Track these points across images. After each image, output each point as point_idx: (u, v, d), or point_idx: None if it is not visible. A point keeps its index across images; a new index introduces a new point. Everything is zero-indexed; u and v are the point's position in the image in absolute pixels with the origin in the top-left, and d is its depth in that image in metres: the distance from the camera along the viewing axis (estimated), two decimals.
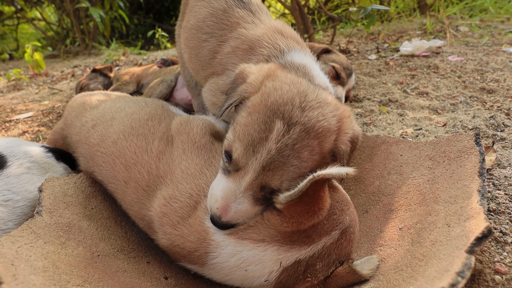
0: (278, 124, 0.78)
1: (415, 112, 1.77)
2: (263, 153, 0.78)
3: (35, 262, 0.79)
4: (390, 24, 4.48)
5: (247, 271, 0.86)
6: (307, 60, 1.03)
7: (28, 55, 3.57)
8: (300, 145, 0.78)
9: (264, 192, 0.82)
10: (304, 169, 0.79)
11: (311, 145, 0.79)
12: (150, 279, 0.99)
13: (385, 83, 2.24)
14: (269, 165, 0.78)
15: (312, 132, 0.79)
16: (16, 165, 1.08)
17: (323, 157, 0.82)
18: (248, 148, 0.79)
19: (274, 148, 0.77)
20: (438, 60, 2.62)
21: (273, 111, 0.79)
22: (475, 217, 0.75)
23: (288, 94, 0.82)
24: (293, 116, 0.78)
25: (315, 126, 0.79)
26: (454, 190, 0.92)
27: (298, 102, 0.80)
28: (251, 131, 0.80)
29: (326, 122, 0.81)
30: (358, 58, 3.02)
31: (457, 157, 1.00)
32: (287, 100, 0.80)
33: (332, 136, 0.82)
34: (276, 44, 1.05)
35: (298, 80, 0.88)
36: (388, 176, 1.20)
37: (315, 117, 0.80)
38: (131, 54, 4.79)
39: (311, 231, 0.85)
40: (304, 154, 0.78)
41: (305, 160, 0.79)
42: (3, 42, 8.61)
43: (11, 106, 2.78)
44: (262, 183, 0.80)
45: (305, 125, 0.78)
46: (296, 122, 0.78)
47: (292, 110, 0.79)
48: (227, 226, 0.85)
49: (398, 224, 1.02)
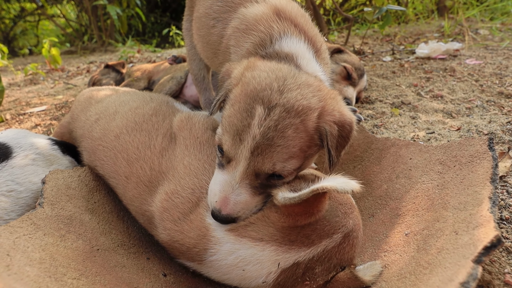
0: (259, 109, 0.79)
1: (428, 115, 1.71)
2: (249, 139, 0.79)
3: (32, 254, 0.79)
4: (407, 26, 4.39)
5: (245, 271, 0.85)
6: (297, 48, 1.00)
7: (45, 50, 3.64)
8: (282, 125, 0.78)
9: (260, 179, 0.83)
10: (293, 147, 0.80)
11: (293, 123, 0.79)
12: (148, 276, 0.98)
13: (399, 85, 2.18)
14: (257, 150, 0.79)
15: (292, 111, 0.79)
16: (22, 156, 1.09)
17: (310, 136, 0.82)
18: (235, 137, 0.81)
19: (258, 133, 0.78)
20: (455, 63, 2.54)
21: (252, 98, 0.81)
22: (484, 225, 0.71)
23: (266, 80, 0.83)
24: (272, 99, 0.80)
25: (295, 105, 0.80)
26: (464, 196, 0.88)
27: (276, 86, 0.82)
28: (235, 121, 0.82)
29: (306, 101, 0.81)
30: (372, 59, 2.96)
31: (468, 162, 0.96)
32: (265, 86, 0.82)
33: (314, 113, 0.82)
34: (270, 29, 1.02)
35: (277, 67, 0.88)
36: (397, 180, 1.16)
37: (293, 97, 0.81)
38: (146, 52, 4.84)
39: (310, 231, 0.83)
40: (288, 132, 0.79)
41: (291, 139, 0.79)
42: (24, 38, 8.85)
43: (27, 100, 2.84)
44: (255, 170, 0.81)
45: (285, 106, 0.79)
46: (276, 105, 0.79)
47: (271, 95, 0.81)
48: (228, 219, 0.84)
49: (404, 230, 0.98)
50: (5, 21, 8.86)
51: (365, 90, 2.04)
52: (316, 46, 1.05)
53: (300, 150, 0.81)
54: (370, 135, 1.37)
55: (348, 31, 3.27)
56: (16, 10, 8.71)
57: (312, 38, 1.05)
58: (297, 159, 0.82)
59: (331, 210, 0.86)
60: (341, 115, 0.86)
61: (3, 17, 8.73)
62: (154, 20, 8.15)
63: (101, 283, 0.85)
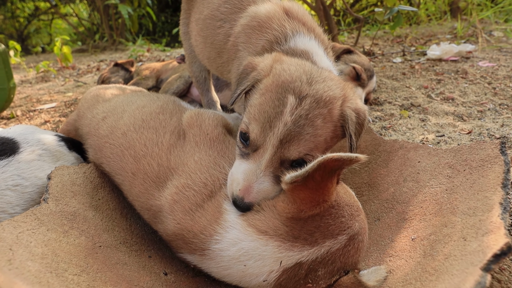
0: (291, 99, 0.84)
1: (439, 118, 1.68)
2: (280, 126, 0.83)
3: (35, 249, 0.79)
4: (418, 28, 4.33)
5: (246, 267, 0.83)
6: (310, 46, 1.07)
7: (57, 48, 3.69)
8: (312, 114, 0.84)
9: (284, 167, 0.86)
10: (319, 136, 0.85)
11: (322, 113, 0.85)
12: (149, 274, 0.98)
13: (409, 87, 2.15)
14: (286, 137, 0.83)
15: (321, 102, 0.85)
16: (28, 152, 1.09)
17: (335, 126, 0.88)
18: (264, 125, 0.85)
19: (290, 120, 0.83)
20: (467, 65, 2.49)
21: (284, 88, 0.86)
22: (494, 232, 0.69)
23: (296, 73, 0.89)
24: (303, 90, 0.85)
25: (323, 96, 0.86)
26: (473, 201, 0.85)
27: (305, 79, 0.88)
28: (266, 108, 0.86)
29: (332, 92, 0.88)
30: (383, 60, 2.93)
31: (479, 166, 0.93)
32: (295, 78, 0.88)
33: (338, 102, 0.88)
34: (283, 28, 1.08)
35: (302, 62, 0.96)
36: (404, 183, 1.13)
37: (322, 89, 0.87)
38: (155, 51, 4.88)
39: (314, 228, 0.81)
40: (317, 122, 0.84)
41: (319, 128, 0.84)
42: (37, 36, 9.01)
43: (37, 97, 2.88)
44: (281, 157, 0.84)
45: (314, 97, 0.85)
46: (306, 95, 0.85)
47: (301, 86, 0.86)
48: (248, 208, 0.87)
49: (411, 234, 0.96)
50: (19, 19, 9.04)
51: (374, 92, 2.01)
52: (324, 44, 1.12)
53: (324, 141, 0.86)
54: (378, 137, 1.35)
55: (358, 31, 3.24)
56: (31, 9, 8.88)
57: (320, 37, 1.12)
58: (320, 149, 0.87)
59: (336, 210, 0.84)
60: (357, 104, 0.93)
61: (17, 16, 8.90)
62: (164, 19, 8.21)
63: (102, 280, 0.84)
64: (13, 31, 9.01)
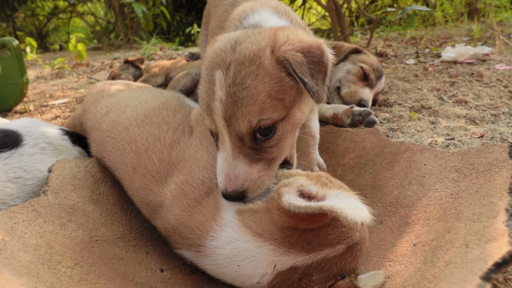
0: (218, 74, 0.80)
1: (450, 120, 1.62)
2: (217, 105, 0.80)
3: (29, 240, 0.79)
4: (434, 29, 4.23)
5: (240, 267, 0.82)
6: (262, 17, 1.03)
7: (72, 45, 3.76)
8: (240, 77, 0.78)
9: (246, 143, 0.82)
10: (258, 95, 0.78)
11: (250, 72, 0.78)
12: (145, 270, 0.97)
13: (420, 89, 2.09)
14: (228, 113, 0.79)
15: (246, 61, 0.79)
16: (31, 145, 1.11)
17: (276, 78, 0.80)
18: (208, 111, 0.83)
19: (223, 95, 0.79)
20: (483, 68, 2.41)
21: (211, 67, 0.83)
22: (497, 239, 0.65)
23: (220, 46, 0.85)
24: (226, 59, 0.81)
25: (246, 55, 0.80)
26: (479, 206, 0.81)
27: (229, 47, 0.83)
28: (203, 95, 0.84)
29: (255, 45, 0.81)
30: (395, 62, 2.86)
31: (486, 170, 0.89)
32: (219, 51, 0.84)
33: (266, 51, 0.80)
34: (244, 10, 1.08)
35: (232, 34, 0.90)
36: (409, 186, 1.10)
37: (244, 48, 0.81)
38: (168, 49, 4.91)
39: (312, 237, 0.79)
40: (248, 82, 0.78)
41: (252, 87, 0.78)
42: (56, 35, 9.24)
43: (51, 92, 2.93)
44: (238, 135, 0.81)
45: (238, 60, 0.80)
46: (230, 62, 0.80)
47: (225, 56, 0.82)
48: (236, 195, 0.84)
49: (413, 239, 0.92)
50: (39, 17, 9.28)
51: (383, 93, 1.97)
52: (280, 11, 1.08)
53: (270, 97, 0.79)
54: (384, 138, 1.31)
55: (370, 32, 3.18)
56: (50, 8, 9.10)
57: (276, 7, 1.09)
58: (274, 109, 0.80)
59: (337, 220, 0.81)
60: (302, 41, 0.83)
61: (37, 14, 9.14)
62: (179, 19, 8.28)
63: (96, 274, 0.84)
64: (33, 29, 9.26)
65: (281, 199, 0.76)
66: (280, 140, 0.85)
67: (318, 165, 1.28)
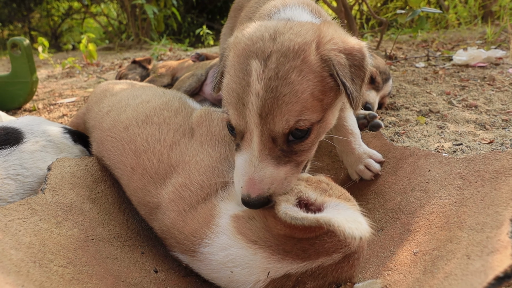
0: (255, 64, 0.72)
1: (458, 125, 1.58)
2: (252, 99, 0.71)
3: (22, 238, 0.79)
4: (447, 32, 4.15)
5: (233, 273, 0.81)
6: (294, 13, 0.96)
7: (82, 45, 3.82)
8: (283, 71, 0.70)
9: (279, 144, 0.74)
10: (302, 93, 0.71)
11: (295, 66, 0.71)
12: (139, 270, 0.97)
13: (429, 93, 2.04)
14: (264, 110, 0.70)
15: (290, 53, 0.72)
16: (32, 142, 1.11)
17: (319, 76, 0.73)
18: (238, 105, 0.73)
19: (260, 88, 0.70)
20: (496, 72, 2.34)
21: (246, 56, 0.75)
22: (500, 251, 0.62)
23: (256, 33, 0.77)
24: (266, 49, 0.73)
25: (290, 46, 0.72)
26: (483, 216, 0.78)
27: (268, 36, 0.75)
28: (233, 86, 0.75)
29: (300, 38, 0.74)
30: (405, 65, 2.81)
31: (492, 178, 0.85)
32: (256, 39, 0.76)
33: (312, 45, 0.74)
34: (275, 6, 1.01)
35: (265, 22, 0.83)
36: (412, 193, 1.06)
37: (287, 39, 0.74)
38: (177, 50, 4.94)
39: (308, 245, 0.77)
40: (292, 77, 0.70)
41: (297, 83, 0.70)
42: (69, 35, 9.41)
43: (60, 91, 2.98)
44: (270, 134, 0.72)
45: (280, 51, 0.72)
46: (271, 52, 0.72)
47: (264, 44, 0.74)
48: (261, 201, 0.75)
49: (413, 248, 0.89)
50: (54, 18, 9.47)
51: (390, 96, 1.93)
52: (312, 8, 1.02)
53: (312, 97, 0.72)
54: (388, 142, 1.28)
55: (380, 34, 3.14)
56: (65, 8, 9.29)
57: (309, 4, 1.02)
58: (313, 110, 0.72)
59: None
60: (345, 42, 0.77)
61: (52, 15, 9.33)
62: (190, 20, 8.34)
63: (88, 273, 0.84)
64: (47, 29, 9.46)
65: (278, 208, 0.74)
66: (312, 144, 0.79)
67: (371, 156, 1.19)
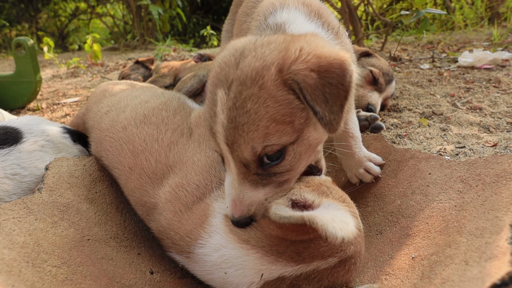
0: (219, 93, 0.71)
1: (462, 128, 1.55)
2: (219, 129, 0.71)
3: (16, 237, 0.79)
4: (453, 34, 4.10)
5: (227, 274, 0.80)
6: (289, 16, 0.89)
7: (87, 45, 3.84)
8: (240, 100, 0.68)
9: (252, 169, 0.73)
10: (260, 121, 0.67)
11: (251, 94, 0.67)
12: (134, 271, 0.96)
13: (433, 95, 2.02)
14: (229, 139, 0.71)
15: (248, 80, 0.68)
16: (31, 142, 1.11)
17: (281, 100, 0.68)
18: (211, 133, 0.75)
19: (224, 118, 0.70)
20: (502, 74, 2.31)
21: (214, 84, 0.74)
22: (499, 257, 0.61)
23: (225, 59, 0.74)
24: (229, 76, 0.71)
25: (248, 73, 0.69)
26: (483, 221, 0.76)
27: (233, 61, 0.72)
28: (206, 115, 0.76)
29: (259, 62, 0.69)
30: (409, 66, 2.78)
31: (493, 182, 0.83)
32: (224, 65, 0.73)
33: (271, 70, 0.68)
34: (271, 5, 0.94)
35: (241, 40, 0.78)
36: (412, 196, 1.05)
37: (247, 65, 0.70)
38: (182, 51, 4.95)
39: (302, 248, 0.76)
40: (248, 106, 0.67)
41: (253, 112, 0.67)
42: (76, 35, 9.48)
43: (64, 91, 2.99)
44: (242, 161, 0.72)
45: (239, 78, 0.69)
46: (232, 80, 0.70)
47: (228, 72, 0.71)
48: (243, 222, 0.78)
49: (412, 252, 0.88)
50: (61, 18, 9.56)
51: (393, 98, 1.91)
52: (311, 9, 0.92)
53: (275, 122, 0.67)
54: (389, 145, 1.26)
55: (385, 35, 3.11)
56: (72, 9, 9.37)
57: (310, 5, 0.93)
58: (281, 134, 0.69)
59: None
60: (320, 57, 0.68)
61: (59, 15, 9.42)
62: (196, 21, 8.37)
63: (82, 273, 0.83)
64: (55, 29, 9.55)
65: (268, 210, 0.74)
66: (292, 164, 0.75)
67: (370, 160, 1.18)
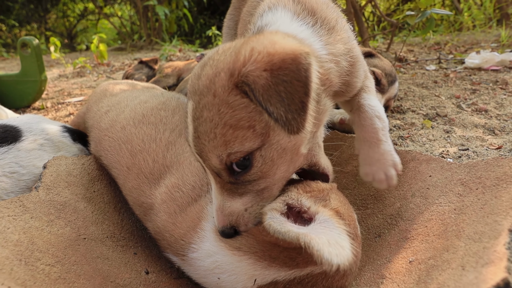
0: (189, 104, 0.72)
1: (466, 130, 1.53)
2: (190, 140, 0.73)
3: (11, 235, 0.79)
4: (460, 35, 4.05)
5: (220, 280, 0.79)
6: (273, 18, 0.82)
7: (93, 45, 3.88)
8: (199, 110, 0.68)
9: (226, 179, 0.72)
10: (215, 128, 0.66)
11: (206, 102, 0.67)
12: (130, 271, 0.96)
13: (438, 96, 1.99)
14: (198, 149, 0.72)
15: (204, 90, 0.68)
16: (30, 140, 1.12)
17: (237, 105, 0.65)
18: (188, 144, 0.76)
19: (192, 129, 0.71)
20: (509, 75, 2.27)
21: (188, 96, 0.75)
22: (495, 263, 0.59)
23: (195, 69, 0.76)
24: (195, 87, 0.72)
25: (204, 82, 0.69)
26: (482, 225, 0.74)
27: (199, 71, 0.72)
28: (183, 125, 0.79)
29: (212, 69, 0.68)
30: (415, 67, 2.75)
31: (493, 185, 0.81)
32: (192, 76, 0.75)
33: (220, 75, 0.66)
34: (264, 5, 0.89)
35: (211, 51, 0.77)
36: (411, 199, 1.03)
37: (204, 74, 0.70)
38: (188, 51, 4.97)
39: (296, 254, 0.75)
40: (205, 115, 0.67)
41: (209, 120, 0.67)
42: (84, 35, 9.59)
43: (69, 90, 3.02)
44: (214, 170, 0.72)
45: (199, 89, 0.69)
46: (196, 91, 0.70)
47: (194, 82, 0.73)
48: (226, 233, 0.77)
49: (409, 256, 0.86)
50: (70, 19, 9.67)
51: (397, 99, 1.88)
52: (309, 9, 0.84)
53: (232, 128, 0.65)
54: None
55: (391, 36, 3.08)
56: (80, 10, 9.48)
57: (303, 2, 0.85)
58: (243, 140, 0.66)
59: None
60: (271, 54, 0.63)
61: (68, 16, 9.54)
62: (203, 22, 8.39)
63: (76, 272, 0.83)
64: (63, 29, 9.66)
65: (263, 218, 0.72)
66: (265, 171, 0.71)
67: (395, 165, 0.96)
